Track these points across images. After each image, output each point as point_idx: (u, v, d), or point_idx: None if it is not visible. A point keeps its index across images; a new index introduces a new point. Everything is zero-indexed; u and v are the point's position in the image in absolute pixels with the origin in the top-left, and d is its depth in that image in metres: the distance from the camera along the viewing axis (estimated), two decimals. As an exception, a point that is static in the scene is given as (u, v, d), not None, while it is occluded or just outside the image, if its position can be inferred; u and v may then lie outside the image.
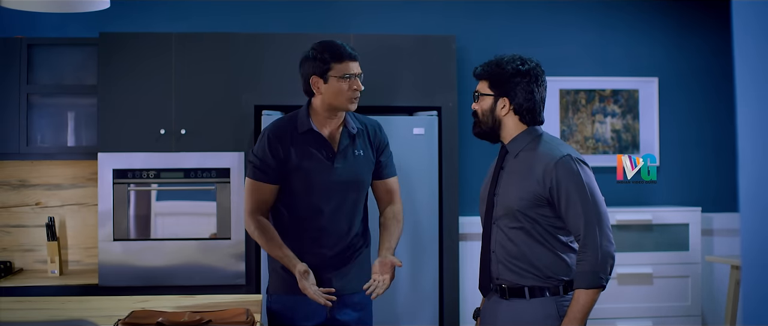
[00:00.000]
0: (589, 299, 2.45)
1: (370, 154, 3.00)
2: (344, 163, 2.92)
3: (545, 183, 2.50)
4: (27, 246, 4.46)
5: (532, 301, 2.53)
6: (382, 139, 3.05)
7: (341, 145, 2.93)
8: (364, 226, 3.06)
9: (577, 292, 2.47)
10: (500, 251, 2.58)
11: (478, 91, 2.64)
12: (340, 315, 2.96)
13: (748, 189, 1.34)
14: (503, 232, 2.57)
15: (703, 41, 4.95)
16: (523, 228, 2.54)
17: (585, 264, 2.45)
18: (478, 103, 2.64)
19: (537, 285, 2.54)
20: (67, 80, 4.29)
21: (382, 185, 3.07)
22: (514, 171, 2.59)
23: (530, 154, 2.57)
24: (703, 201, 4.81)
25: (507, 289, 2.57)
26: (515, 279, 2.56)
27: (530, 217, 2.52)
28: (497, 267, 2.59)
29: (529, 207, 2.52)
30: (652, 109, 4.89)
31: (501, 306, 2.59)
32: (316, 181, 2.89)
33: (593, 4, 4.90)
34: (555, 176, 2.49)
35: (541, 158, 2.54)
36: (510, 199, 2.55)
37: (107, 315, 2.62)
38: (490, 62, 2.64)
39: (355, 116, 3.03)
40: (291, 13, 4.64)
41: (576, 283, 2.47)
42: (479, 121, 2.65)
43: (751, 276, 1.34)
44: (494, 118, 2.62)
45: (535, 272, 2.54)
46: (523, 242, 2.54)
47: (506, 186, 2.59)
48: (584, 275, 2.45)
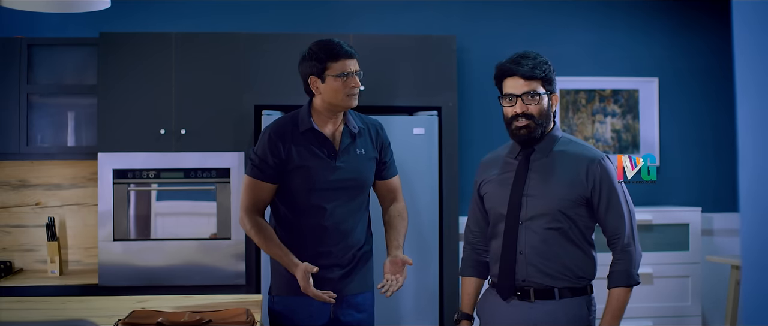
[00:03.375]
0: (627, 297, 2.52)
1: (372, 153, 2.99)
2: (346, 161, 2.91)
3: (588, 183, 2.52)
4: (27, 246, 4.46)
5: (562, 302, 2.53)
6: (383, 138, 3.04)
7: (343, 144, 2.92)
8: (367, 226, 3.05)
9: (616, 291, 2.52)
10: (531, 253, 2.53)
11: (535, 90, 2.53)
12: (343, 316, 2.95)
13: (748, 189, 1.34)
14: (535, 233, 2.53)
15: (703, 41, 4.95)
16: (560, 229, 2.52)
17: (623, 264, 2.52)
18: (534, 103, 2.53)
19: (568, 286, 2.54)
20: (67, 80, 4.29)
21: (384, 185, 3.06)
22: (549, 171, 2.55)
23: (564, 154, 2.56)
24: (703, 201, 4.82)
25: (533, 291, 2.54)
26: (546, 281, 2.53)
27: (569, 217, 2.52)
28: (526, 269, 2.54)
29: (571, 207, 2.52)
30: (652, 109, 4.90)
31: (528, 309, 2.54)
32: (318, 180, 2.88)
33: (593, 4, 4.90)
34: (598, 176, 2.52)
35: (580, 157, 2.55)
36: (550, 199, 2.51)
37: (107, 315, 2.62)
38: (535, 60, 2.55)
39: (357, 115, 3.02)
40: (291, 12, 4.64)
41: (614, 282, 2.53)
42: (536, 123, 2.54)
43: (751, 276, 1.34)
44: (549, 119, 2.58)
45: (568, 273, 2.54)
46: (557, 243, 2.52)
47: (541, 186, 2.54)
48: (622, 274, 2.52)
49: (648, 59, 4.92)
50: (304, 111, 2.94)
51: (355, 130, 2.95)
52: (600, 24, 4.89)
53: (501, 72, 2.59)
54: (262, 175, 2.90)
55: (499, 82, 2.62)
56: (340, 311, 2.94)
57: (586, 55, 4.88)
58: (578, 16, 4.88)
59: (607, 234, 2.57)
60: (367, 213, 3.04)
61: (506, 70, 2.56)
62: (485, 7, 4.81)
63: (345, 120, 2.95)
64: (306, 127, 2.90)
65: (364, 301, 3.01)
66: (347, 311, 2.95)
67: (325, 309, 2.92)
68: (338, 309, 2.94)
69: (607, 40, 4.89)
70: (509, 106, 2.55)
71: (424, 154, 4.07)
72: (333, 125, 2.94)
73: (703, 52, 4.95)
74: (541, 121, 2.54)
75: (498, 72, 2.60)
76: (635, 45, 4.91)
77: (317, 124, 2.92)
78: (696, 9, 4.96)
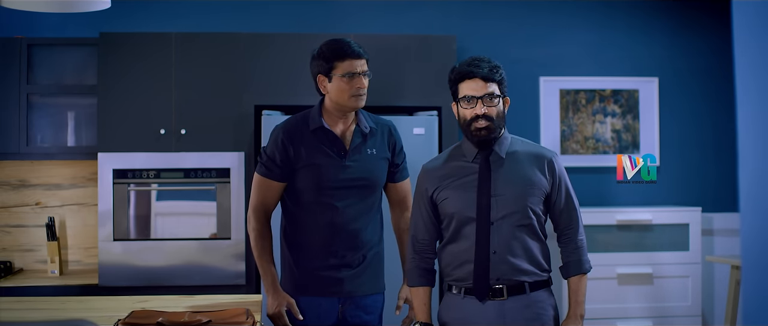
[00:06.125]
0: (585, 282, 2.67)
1: (384, 154, 2.97)
2: (356, 160, 2.90)
3: (548, 178, 2.63)
4: (27, 246, 4.46)
5: (533, 295, 2.60)
6: (396, 139, 3.02)
7: (353, 143, 2.90)
8: (379, 228, 3.02)
9: (576, 278, 2.66)
10: (503, 251, 2.57)
11: (493, 92, 2.58)
12: (350, 316, 2.93)
13: (748, 189, 1.34)
14: (506, 232, 2.57)
15: (703, 41, 4.95)
16: (529, 225, 2.60)
17: (578, 253, 2.67)
18: (493, 105, 2.58)
19: (536, 279, 2.61)
20: (67, 80, 4.29)
21: (394, 188, 3.04)
22: (512, 171, 2.61)
23: (520, 153, 2.65)
24: (703, 201, 4.81)
25: (507, 288, 2.57)
26: (518, 276, 2.58)
27: (535, 212, 2.61)
28: (499, 268, 2.57)
29: (537, 203, 2.61)
30: (652, 109, 4.90)
31: (501, 306, 2.57)
32: (328, 178, 2.87)
33: (593, 4, 4.90)
34: (556, 172, 2.65)
35: (537, 155, 2.66)
36: (518, 198, 2.58)
37: (107, 315, 2.62)
38: (490, 63, 2.62)
39: (369, 115, 3.00)
40: (291, 12, 4.64)
41: (573, 271, 2.67)
42: (494, 125, 2.58)
43: (751, 276, 1.34)
44: (504, 120, 2.65)
45: (536, 267, 2.62)
46: (527, 239, 2.60)
47: (508, 185, 2.59)
48: (580, 263, 2.66)
49: (648, 59, 4.92)
50: (316, 110, 2.93)
51: (366, 130, 2.93)
52: (600, 24, 4.89)
53: (459, 75, 2.61)
54: (270, 174, 2.90)
55: (454, 85, 2.64)
56: (348, 311, 2.93)
57: (586, 55, 4.88)
58: (578, 16, 4.88)
59: (560, 227, 2.69)
60: (378, 215, 3.01)
61: (465, 72, 2.60)
62: (485, 7, 4.81)
63: (357, 119, 2.94)
64: (316, 125, 2.89)
65: (374, 303, 3.00)
66: (355, 312, 2.94)
67: (333, 309, 2.91)
68: (346, 310, 2.92)
69: (607, 40, 4.89)
70: (469, 108, 2.59)
71: (424, 154, 4.06)
72: (344, 124, 2.93)
73: (703, 52, 4.95)
74: (499, 122, 2.60)
75: (456, 75, 2.63)
76: (635, 45, 4.91)
77: (328, 123, 2.91)
78: (696, 9, 4.96)
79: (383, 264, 3.04)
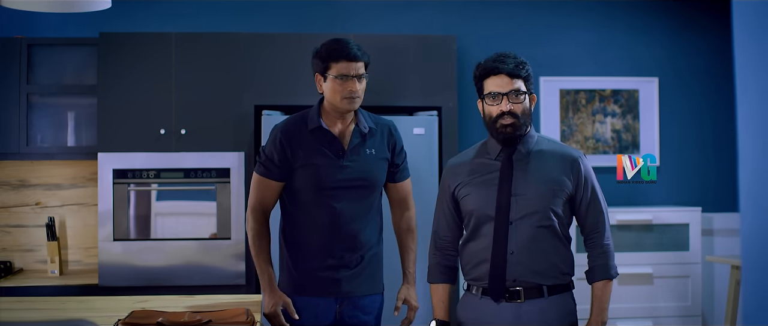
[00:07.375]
0: (610, 288, 2.58)
1: (384, 154, 2.95)
2: (354, 161, 2.89)
3: (572, 181, 2.55)
4: (27, 246, 4.46)
5: (551, 299, 2.54)
6: (396, 139, 3.00)
7: (351, 143, 2.89)
8: (378, 229, 3.01)
9: (601, 284, 2.57)
10: (522, 252, 2.52)
11: (519, 89, 2.52)
12: (348, 317, 2.92)
13: (748, 189, 1.34)
14: (525, 232, 2.52)
15: (703, 41, 4.95)
16: (550, 227, 2.53)
17: (604, 258, 2.58)
18: (519, 102, 2.53)
19: (555, 282, 2.55)
20: (67, 80, 4.29)
21: (394, 188, 3.03)
22: (535, 170, 2.55)
23: (545, 152, 2.58)
24: (703, 201, 4.81)
25: (523, 291, 2.53)
26: (536, 279, 2.52)
27: (557, 214, 2.54)
28: (516, 269, 2.52)
29: (560, 204, 2.54)
30: (652, 109, 4.90)
31: (518, 309, 2.53)
32: (326, 179, 2.86)
33: (593, 4, 4.90)
34: (582, 173, 2.56)
35: (563, 155, 2.58)
36: (540, 198, 2.52)
37: (107, 315, 2.62)
38: (516, 59, 2.54)
39: (369, 115, 2.99)
40: (291, 12, 4.64)
41: (599, 276, 2.58)
42: (520, 122, 2.53)
43: (751, 276, 1.34)
44: (530, 118, 2.58)
45: (555, 270, 2.55)
46: (547, 240, 2.54)
47: (530, 185, 2.54)
48: (606, 268, 2.58)
49: (648, 59, 4.92)
50: (315, 110, 2.93)
51: (365, 130, 2.91)
52: (600, 24, 4.89)
53: (485, 71, 2.55)
54: (268, 173, 2.89)
55: (479, 82, 2.58)
56: (345, 312, 2.92)
57: (586, 55, 4.88)
58: (578, 16, 4.88)
59: (586, 230, 2.61)
60: (378, 215, 3.00)
61: (491, 68, 2.54)
62: (485, 7, 4.81)
63: (356, 119, 2.93)
64: (314, 125, 2.89)
65: (372, 304, 2.99)
66: (353, 312, 2.93)
67: (330, 309, 2.91)
68: (344, 310, 2.92)
69: (607, 40, 4.89)
70: (494, 105, 2.53)
71: (424, 154, 4.07)
72: (342, 124, 2.92)
73: (703, 52, 4.95)
74: (525, 119, 2.54)
75: (481, 71, 2.57)
76: (635, 45, 4.91)
77: (326, 123, 2.90)
78: (696, 9, 4.96)
79: (382, 264, 3.03)
